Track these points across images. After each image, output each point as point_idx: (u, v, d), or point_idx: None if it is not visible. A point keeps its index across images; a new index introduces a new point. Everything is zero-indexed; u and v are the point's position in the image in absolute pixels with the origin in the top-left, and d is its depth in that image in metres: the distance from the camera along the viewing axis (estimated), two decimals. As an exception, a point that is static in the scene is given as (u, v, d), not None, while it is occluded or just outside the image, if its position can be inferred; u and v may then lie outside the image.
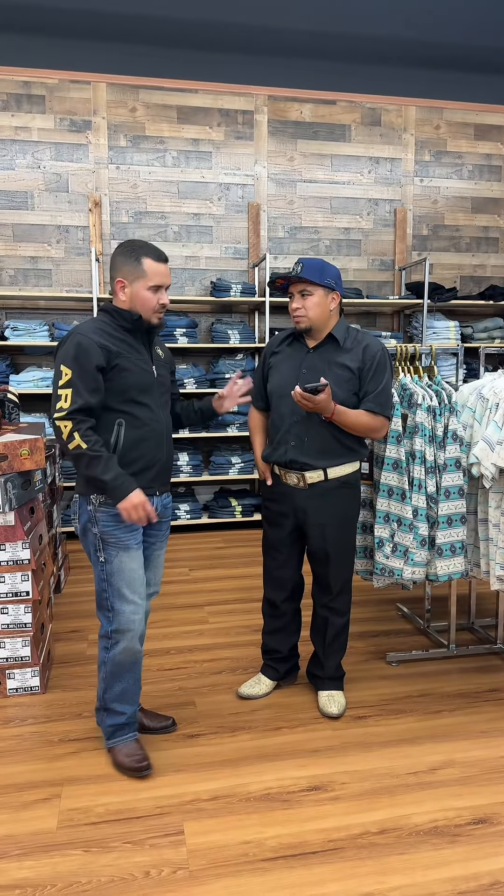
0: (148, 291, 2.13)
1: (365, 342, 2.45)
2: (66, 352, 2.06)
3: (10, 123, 5.04)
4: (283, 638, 2.72)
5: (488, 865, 1.83)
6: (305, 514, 2.50)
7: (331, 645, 2.63)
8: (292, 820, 2.00)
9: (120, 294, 2.15)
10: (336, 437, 2.43)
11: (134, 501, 2.04)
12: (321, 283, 2.38)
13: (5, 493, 2.63)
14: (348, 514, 2.53)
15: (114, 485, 2.03)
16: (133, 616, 2.17)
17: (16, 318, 5.18)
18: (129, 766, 2.20)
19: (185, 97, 5.29)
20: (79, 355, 2.04)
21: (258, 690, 2.72)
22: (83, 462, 2.02)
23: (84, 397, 2.03)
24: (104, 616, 2.20)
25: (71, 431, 2.00)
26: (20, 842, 1.92)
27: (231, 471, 5.24)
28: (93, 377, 2.04)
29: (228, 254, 5.50)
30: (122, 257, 2.14)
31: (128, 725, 2.26)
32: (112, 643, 2.19)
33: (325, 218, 5.62)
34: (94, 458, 2.01)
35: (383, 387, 2.42)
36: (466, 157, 5.80)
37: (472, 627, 3.38)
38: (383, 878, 1.78)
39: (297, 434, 2.45)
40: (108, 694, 2.23)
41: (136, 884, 1.76)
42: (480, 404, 2.77)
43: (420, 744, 2.40)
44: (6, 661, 2.70)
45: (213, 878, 1.78)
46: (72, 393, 2.02)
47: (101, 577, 2.17)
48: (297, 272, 2.39)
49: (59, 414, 2.02)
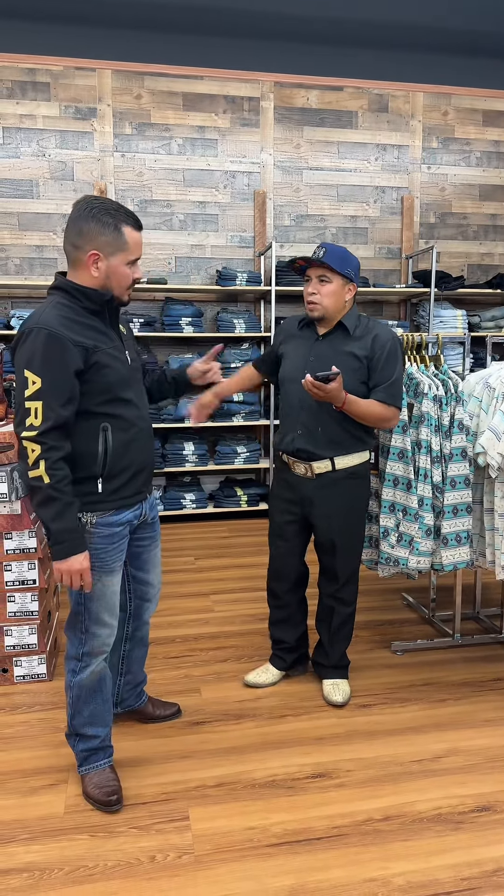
0: (126, 266, 1.82)
1: (375, 331, 2.41)
2: (31, 353, 1.70)
3: (14, 111, 5.02)
4: (288, 628, 2.72)
5: (491, 852, 1.84)
6: (313, 504, 2.50)
7: (336, 634, 2.63)
8: (297, 806, 2.02)
9: (91, 269, 1.79)
10: (344, 426, 2.41)
11: (74, 567, 1.77)
12: (342, 272, 2.34)
13: (11, 482, 2.64)
14: (356, 504, 2.52)
15: (60, 538, 1.74)
16: (108, 640, 2.00)
17: (22, 307, 5.17)
18: (96, 799, 2.00)
19: (190, 84, 5.25)
20: (49, 358, 1.70)
21: (264, 679, 2.72)
22: (37, 496, 1.73)
23: (57, 412, 1.71)
24: (76, 637, 1.98)
25: (38, 458, 1.70)
26: (28, 826, 1.95)
27: (237, 460, 5.25)
28: (68, 386, 1.73)
29: (234, 242, 5.47)
30: (95, 224, 1.76)
31: (101, 750, 2.07)
32: (82, 666, 1.99)
33: (332, 206, 5.58)
34: (51, 500, 1.72)
35: (395, 377, 2.38)
36: (474, 143, 5.74)
37: (477, 617, 3.38)
38: (387, 864, 1.80)
39: (304, 423, 2.44)
40: (76, 720, 2.03)
41: (142, 868, 1.78)
42: (487, 394, 2.76)
43: (424, 732, 2.41)
44: (13, 648, 2.72)
45: (217, 863, 1.80)
46: (42, 407, 1.69)
47: (79, 601, 1.94)
48: (320, 256, 2.33)
49: (28, 433, 1.70)
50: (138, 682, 2.42)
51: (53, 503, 1.73)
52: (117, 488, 1.90)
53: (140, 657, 2.37)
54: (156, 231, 5.33)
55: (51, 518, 1.74)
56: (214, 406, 2.54)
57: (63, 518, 1.74)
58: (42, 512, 1.75)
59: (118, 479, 1.89)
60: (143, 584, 2.23)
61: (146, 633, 2.35)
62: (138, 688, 2.42)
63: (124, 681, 2.37)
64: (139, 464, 1.94)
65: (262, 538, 4.83)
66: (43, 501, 1.73)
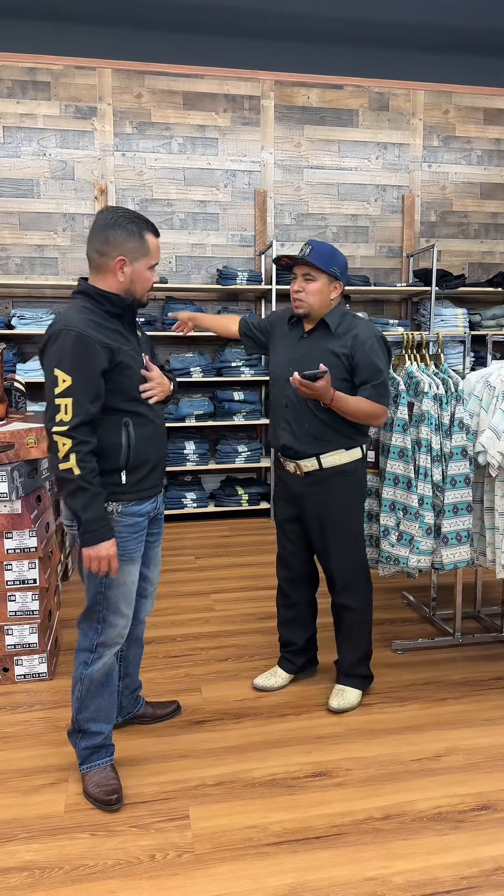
0: (149, 271, 1.96)
1: (355, 330, 2.39)
2: (61, 353, 1.82)
3: (15, 110, 5.02)
4: (297, 629, 2.69)
5: (491, 851, 1.84)
6: (303, 502, 2.49)
7: (345, 639, 2.58)
8: (297, 805, 2.02)
9: (118, 274, 1.92)
10: (328, 423, 2.39)
11: (102, 553, 1.88)
12: (326, 271, 2.34)
13: (12, 482, 2.65)
14: (347, 504, 2.47)
15: (92, 527, 1.85)
16: (123, 631, 2.05)
17: (22, 306, 5.18)
18: (97, 798, 2.01)
19: (190, 83, 5.24)
20: (79, 359, 1.81)
21: (273, 683, 2.69)
22: (68, 487, 1.84)
23: (86, 408, 1.82)
24: (91, 628, 2.03)
25: (68, 452, 1.81)
26: (28, 825, 1.95)
27: (237, 459, 5.25)
28: (96, 384, 1.84)
29: (235, 241, 5.47)
30: (122, 231, 1.90)
31: (103, 748, 2.08)
32: (95, 657, 2.03)
33: (333, 204, 5.58)
34: (81, 490, 1.83)
35: (380, 377, 2.36)
36: (475, 142, 5.73)
37: (478, 616, 3.38)
38: (387, 863, 1.80)
39: (288, 420, 2.44)
40: (82, 714, 2.05)
41: (142, 867, 1.79)
42: (487, 392, 2.76)
43: (425, 731, 2.41)
44: (14, 647, 2.72)
45: (217, 862, 1.80)
46: (73, 404, 1.80)
47: (98, 590, 2.00)
48: (305, 254, 2.34)
49: (60, 428, 1.81)
50: (135, 688, 2.42)
51: (83, 493, 1.84)
52: (139, 480, 2.00)
53: (136, 658, 2.37)
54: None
55: (81, 507, 1.85)
56: (188, 325, 2.63)
57: (92, 507, 1.85)
58: (72, 502, 1.86)
59: (139, 471, 1.99)
60: (142, 580, 2.25)
61: (142, 632, 2.36)
62: (135, 693, 2.42)
63: (123, 684, 2.37)
64: (156, 458, 2.05)
65: (263, 537, 4.83)
66: (73, 492, 1.84)
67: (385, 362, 2.41)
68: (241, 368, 5.17)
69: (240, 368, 5.17)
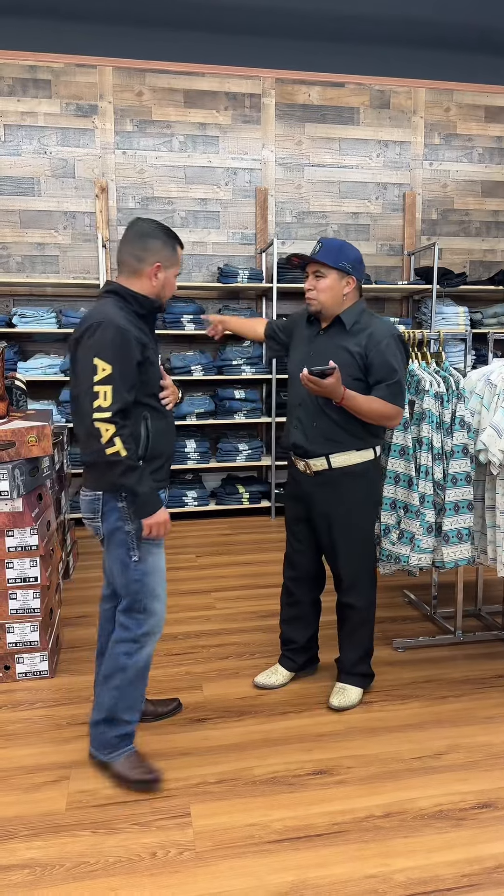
0: (174, 278, 2.13)
1: (371, 328, 2.37)
2: (102, 343, 1.92)
3: (15, 108, 5.01)
4: (299, 628, 2.69)
5: (492, 849, 1.84)
6: (312, 502, 2.49)
7: (348, 638, 2.58)
8: (298, 803, 2.02)
9: (153, 279, 2.06)
10: (340, 424, 2.37)
11: (160, 518, 2.01)
12: (335, 266, 2.33)
13: (13, 480, 2.65)
14: (356, 505, 2.45)
15: (146, 499, 1.98)
16: (163, 616, 2.14)
17: (23, 305, 5.18)
18: (139, 779, 2.08)
19: (191, 80, 5.24)
20: (119, 349, 1.92)
21: (274, 680, 2.70)
22: (118, 469, 1.93)
23: (123, 396, 1.92)
24: (133, 620, 2.09)
25: (112, 436, 1.90)
26: (29, 822, 1.95)
27: (238, 458, 5.25)
28: (132, 374, 1.94)
29: (235, 239, 5.47)
30: (162, 241, 2.05)
31: (131, 735, 2.15)
32: (138, 647, 2.09)
33: (334, 202, 5.57)
34: (131, 469, 1.94)
35: (396, 376, 2.33)
36: (477, 139, 5.72)
37: (479, 614, 3.38)
38: (387, 860, 1.80)
39: (300, 418, 2.44)
40: (121, 703, 2.10)
41: (143, 864, 1.79)
42: (488, 390, 2.76)
43: (426, 729, 2.41)
44: (15, 645, 2.73)
45: (218, 860, 1.80)
46: (112, 391, 1.90)
47: (134, 578, 2.07)
48: (315, 252, 2.35)
49: (102, 415, 1.90)
50: None
51: (134, 471, 1.95)
52: (155, 470, 2.09)
53: None
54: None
55: (136, 483, 1.96)
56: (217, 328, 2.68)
57: (143, 482, 1.98)
58: (125, 480, 1.95)
59: (156, 461, 2.08)
60: None
61: None
62: None
63: None
64: (169, 451, 2.15)
65: (264, 535, 4.84)
66: (125, 472, 1.94)
67: (401, 362, 2.37)
68: (242, 367, 5.17)
69: (241, 367, 5.17)
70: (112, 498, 2.04)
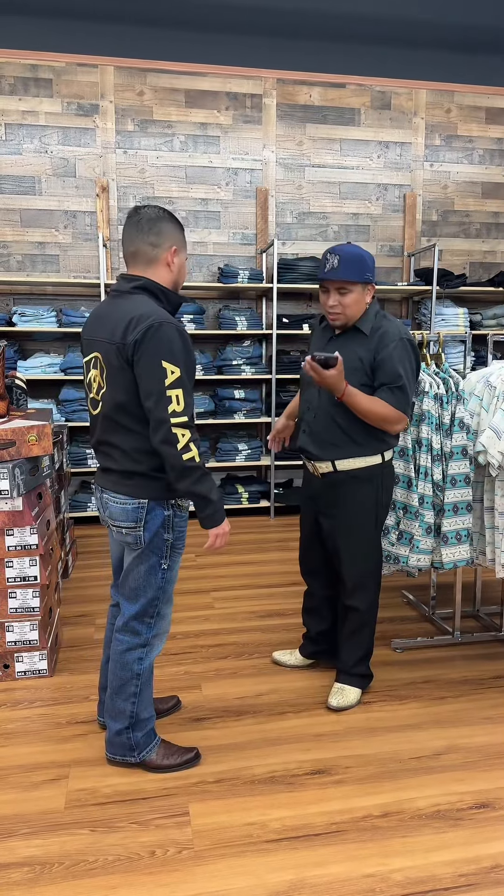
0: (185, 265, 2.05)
1: (382, 329, 2.33)
2: (166, 345, 1.83)
3: (17, 107, 5.01)
4: (312, 619, 2.76)
5: (489, 849, 1.85)
6: (320, 502, 2.51)
7: (347, 639, 2.59)
8: (296, 802, 2.03)
9: (171, 265, 1.97)
10: (344, 429, 2.36)
11: (227, 528, 1.99)
12: (361, 280, 2.27)
13: (13, 479, 2.65)
14: (360, 509, 2.44)
15: (218, 506, 1.94)
16: (170, 618, 2.17)
17: (23, 303, 5.18)
18: (179, 763, 2.15)
19: (193, 80, 5.24)
20: (183, 351, 1.86)
21: (287, 660, 2.84)
22: (193, 476, 1.87)
23: (191, 398, 1.87)
24: (144, 625, 2.08)
25: (188, 442, 1.84)
26: (28, 821, 1.96)
27: (238, 457, 5.25)
28: (193, 375, 1.91)
29: (236, 239, 5.47)
30: (170, 224, 1.96)
31: (152, 728, 2.17)
32: (149, 650, 2.11)
33: (334, 203, 5.58)
34: (206, 476, 1.89)
35: (399, 381, 2.27)
36: (477, 141, 5.73)
37: (477, 615, 3.39)
38: (385, 860, 1.81)
39: (308, 423, 2.45)
40: (140, 705, 2.11)
41: (142, 863, 1.79)
42: (488, 392, 2.76)
43: (424, 729, 2.42)
44: (14, 644, 2.73)
45: (217, 858, 1.81)
46: (183, 394, 1.83)
47: (159, 586, 2.06)
48: (334, 266, 2.24)
49: (178, 419, 1.83)
50: None
51: (207, 478, 1.92)
52: None
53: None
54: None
55: (209, 490, 1.92)
56: (290, 428, 2.69)
57: (216, 489, 1.95)
58: (201, 488, 1.90)
59: None
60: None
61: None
62: None
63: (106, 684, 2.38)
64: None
65: (263, 535, 4.84)
66: (199, 479, 1.89)
67: (409, 368, 2.31)
68: (242, 367, 5.18)
69: (241, 367, 5.17)
70: (158, 506, 2.00)
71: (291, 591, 3.74)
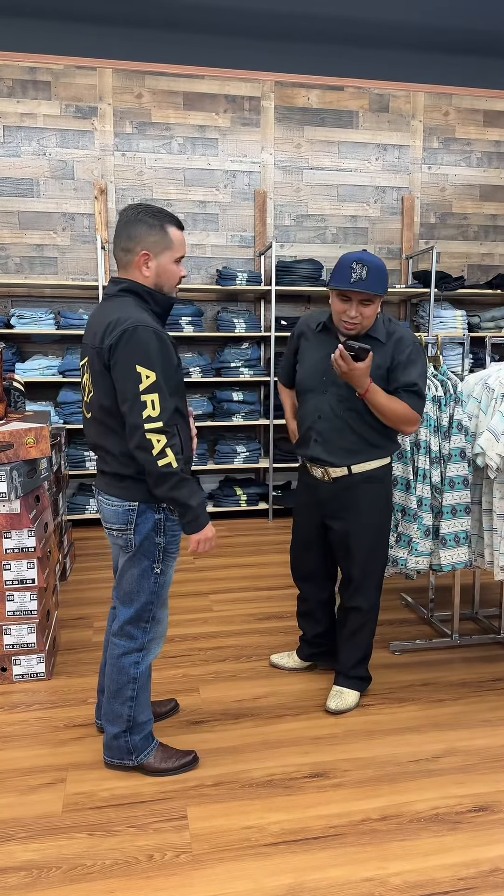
0: (174, 264, 1.96)
1: (398, 334, 2.35)
2: (146, 350, 1.81)
3: (15, 110, 5.02)
4: (308, 623, 2.76)
5: (488, 852, 1.84)
6: (329, 506, 2.48)
7: (348, 640, 2.58)
8: (294, 806, 2.02)
9: (143, 269, 1.92)
10: (361, 435, 2.36)
11: (208, 535, 1.96)
12: (384, 293, 2.26)
13: (11, 482, 2.65)
14: (372, 507, 2.45)
15: (199, 512, 1.91)
16: (166, 623, 2.15)
17: (21, 306, 5.18)
18: (176, 766, 2.14)
19: (191, 83, 5.25)
20: (160, 354, 1.84)
21: (285, 663, 2.83)
22: (170, 482, 1.85)
23: (169, 402, 1.84)
24: (139, 629, 2.07)
25: (164, 447, 1.81)
26: (26, 825, 1.95)
27: (236, 460, 5.25)
28: (174, 378, 1.88)
29: (234, 242, 5.47)
30: (143, 226, 1.90)
31: (150, 731, 2.17)
32: (144, 655, 2.10)
33: (332, 206, 5.58)
34: (184, 482, 1.86)
35: (418, 384, 2.30)
36: (475, 144, 5.74)
37: (476, 617, 3.38)
38: (384, 863, 1.80)
39: (319, 431, 2.41)
40: (137, 709, 2.11)
41: (140, 867, 1.79)
42: (486, 394, 2.77)
43: (422, 732, 2.41)
44: (12, 647, 2.72)
45: (215, 862, 1.80)
46: (159, 399, 1.81)
47: (152, 590, 2.04)
48: (363, 277, 2.20)
49: (152, 425, 1.80)
50: None
51: (186, 484, 1.88)
52: None
53: None
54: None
55: (188, 497, 1.89)
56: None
57: (196, 494, 1.91)
58: (178, 494, 1.87)
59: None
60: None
61: None
62: None
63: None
64: (191, 459, 2.08)
65: (262, 538, 4.84)
66: (177, 485, 1.86)
67: (424, 371, 2.35)
68: (241, 369, 5.17)
69: (239, 369, 5.17)
70: (149, 509, 1.99)
71: (289, 593, 3.73)
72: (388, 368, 2.34)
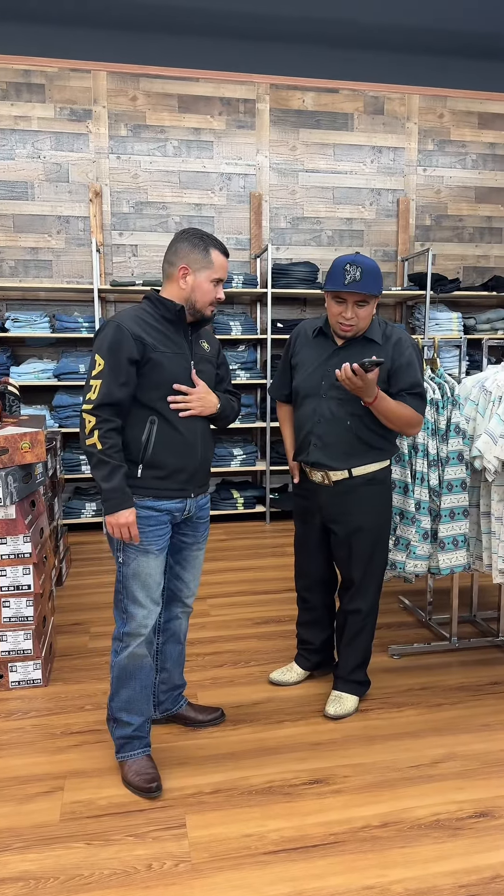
0: (210, 283, 2.10)
1: (395, 336, 2.37)
2: (103, 340, 2.01)
3: (9, 112, 5.00)
4: (315, 630, 2.72)
5: (489, 859, 1.83)
6: (330, 509, 2.47)
7: (348, 645, 2.57)
8: (294, 813, 2.01)
9: (180, 282, 2.08)
10: (361, 437, 2.36)
11: (120, 521, 2.00)
12: (378, 293, 2.28)
13: (6, 487, 2.63)
14: (373, 509, 2.44)
15: (112, 496, 1.99)
16: (145, 621, 2.11)
17: (16, 309, 5.15)
18: (136, 785, 2.10)
19: (186, 85, 5.24)
20: (113, 345, 1.99)
21: (288, 678, 2.74)
22: (91, 461, 2.00)
23: (112, 391, 1.98)
24: (119, 617, 2.14)
25: (92, 428, 1.97)
26: (23, 835, 1.93)
27: (233, 463, 5.23)
28: (125, 370, 1.99)
29: (230, 244, 5.46)
30: (188, 244, 2.08)
31: (137, 739, 2.15)
32: (122, 646, 2.13)
33: (328, 208, 5.58)
34: (102, 464, 1.98)
35: (420, 386, 2.34)
36: (470, 145, 5.75)
37: (474, 620, 3.38)
38: (385, 871, 1.79)
39: (319, 435, 2.40)
40: (114, 702, 2.15)
41: (139, 876, 1.77)
42: (483, 397, 2.76)
43: (422, 737, 2.40)
44: (8, 654, 2.70)
45: (214, 871, 1.78)
46: (101, 385, 1.97)
47: (119, 579, 2.13)
48: (356, 279, 2.23)
49: (86, 406, 1.99)
50: (176, 686, 2.41)
51: (104, 466, 1.98)
52: (156, 478, 2.08)
53: (174, 655, 2.37)
54: (151, 233, 5.32)
55: (102, 478, 1.99)
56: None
57: (112, 479, 1.98)
58: (95, 473, 2.00)
59: (158, 470, 2.07)
60: (176, 579, 2.30)
61: (179, 628, 2.36)
62: (176, 691, 2.42)
63: (160, 678, 2.38)
64: (180, 464, 2.10)
65: (259, 541, 4.82)
66: (96, 465, 1.99)
67: (422, 372, 2.39)
68: (237, 371, 5.16)
69: (235, 371, 5.16)
70: None
71: (287, 597, 3.72)
72: (388, 371, 2.34)
